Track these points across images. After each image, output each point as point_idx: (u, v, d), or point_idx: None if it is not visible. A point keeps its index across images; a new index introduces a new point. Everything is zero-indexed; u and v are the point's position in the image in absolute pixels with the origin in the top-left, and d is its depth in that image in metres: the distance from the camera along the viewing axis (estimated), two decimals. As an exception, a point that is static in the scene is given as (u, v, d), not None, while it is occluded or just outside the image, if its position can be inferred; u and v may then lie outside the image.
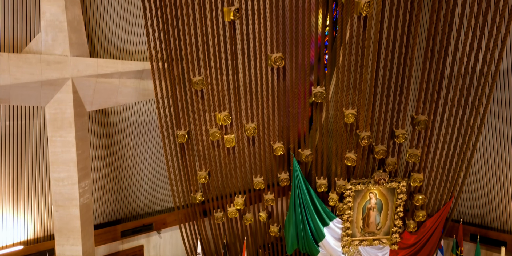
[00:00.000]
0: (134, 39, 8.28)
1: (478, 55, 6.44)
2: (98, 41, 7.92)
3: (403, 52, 6.59)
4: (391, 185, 7.71)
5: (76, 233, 7.27)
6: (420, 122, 6.88)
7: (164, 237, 10.65)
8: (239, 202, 8.70)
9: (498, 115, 8.19)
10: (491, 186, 8.91)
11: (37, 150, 7.87)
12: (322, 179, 8.12)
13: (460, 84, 6.81)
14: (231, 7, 6.64)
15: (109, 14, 7.82)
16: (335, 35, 10.30)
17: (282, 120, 7.97)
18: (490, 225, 9.29)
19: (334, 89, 7.12)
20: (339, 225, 8.27)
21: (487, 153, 8.62)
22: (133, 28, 8.18)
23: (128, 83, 7.82)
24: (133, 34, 8.24)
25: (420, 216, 8.10)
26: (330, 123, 9.98)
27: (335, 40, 9.52)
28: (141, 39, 8.31)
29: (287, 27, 6.93)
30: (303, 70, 7.21)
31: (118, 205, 9.88)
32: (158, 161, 9.89)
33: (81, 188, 7.32)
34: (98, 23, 7.78)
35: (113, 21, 7.91)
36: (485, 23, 6.11)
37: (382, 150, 7.30)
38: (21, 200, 8.08)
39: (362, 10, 6.01)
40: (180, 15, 7.12)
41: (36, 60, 6.62)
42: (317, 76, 7.25)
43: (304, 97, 7.52)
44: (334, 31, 10.85)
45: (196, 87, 7.44)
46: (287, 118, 7.86)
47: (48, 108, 7.02)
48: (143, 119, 9.23)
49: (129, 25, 8.11)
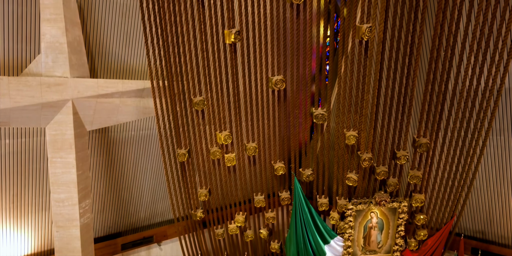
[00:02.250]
0: (135, 55, 8.26)
1: (480, 79, 6.41)
2: (98, 59, 7.90)
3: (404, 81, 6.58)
4: (392, 205, 7.69)
5: (77, 253, 7.26)
6: (422, 145, 6.85)
7: (164, 249, 10.63)
8: (240, 219, 8.68)
9: (500, 133, 8.15)
10: (493, 202, 8.88)
11: (37, 168, 7.87)
12: (323, 198, 8.09)
13: (462, 106, 6.78)
14: (232, 29, 6.61)
15: (109, 32, 7.80)
16: (336, 46, 10.27)
17: (283, 130, 7.90)
18: (492, 239, 9.25)
19: (335, 111, 7.08)
20: (340, 243, 8.25)
21: (489, 170, 8.59)
22: (134, 44, 8.16)
23: (128, 102, 7.79)
24: (134, 51, 8.22)
25: (422, 235, 8.08)
26: (331, 135, 9.95)
27: (336, 51, 9.49)
28: (142, 55, 8.30)
29: (288, 46, 6.89)
30: (304, 80, 7.15)
31: (119, 218, 9.87)
32: (158, 173, 9.88)
33: (82, 208, 7.31)
34: (99, 41, 7.76)
35: (113, 38, 7.89)
36: (484, 62, 6.12)
37: (383, 171, 7.27)
38: (22, 216, 8.08)
39: (363, 35, 5.97)
40: (180, 32, 7.09)
41: (36, 82, 6.60)
42: (319, 87, 7.16)
43: (305, 107, 7.45)
44: (335, 42, 10.81)
45: (197, 107, 7.42)
46: (288, 128, 7.81)
47: (48, 129, 6.99)
48: (143, 133, 9.21)
49: (130, 41, 8.10)
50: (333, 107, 9.51)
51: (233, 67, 6.92)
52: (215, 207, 8.96)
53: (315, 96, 7.35)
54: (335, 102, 9.44)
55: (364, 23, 6.04)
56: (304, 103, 7.33)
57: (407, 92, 6.66)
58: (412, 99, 6.72)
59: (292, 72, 6.72)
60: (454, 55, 6.36)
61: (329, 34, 6.55)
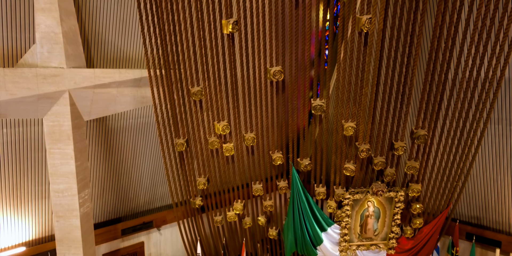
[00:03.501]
0: (132, 44, 8.15)
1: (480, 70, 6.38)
2: (94, 48, 7.79)
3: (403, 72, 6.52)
4: (389, 194, 7.76)
5: (77, 243, 7.36)
6: (420, 136, 6.85)
7: (164, 234, 10.81)
8: (238, 207, 8.78)
9: (498, 122, 8.17)
10: (489, 189, 8.99)
11: (36, 157, 7.89)
12: (320, 187, 8.16)
13: (461, 97, 6.76)
14: (230, 19, 6.50)
15: (105, 20, 7.67)
16: (336, 31, 10.13)
17: (281, 115, 7.87)
18: (486, 225, 9.41)
19: (334, 101, 7.04)
20: (337, 230, 8.37)
21: (485, 158, 8.65)
22: (130, 32, 8.04)
23: (126, 92, 7.74)
24: (131, 39, 8.11)
25: (417, 223, 8.19)
26: (330, 121, 9.95)
27: (335, 35, 9.37)
28: (139, 43, 8.18)
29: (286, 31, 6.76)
30: (303, 64, 7.08)
31: (118, 204, 9.97)
32: (156, 159, 9.91)
33: (81, 198, 7.37)
34: (94, 29, 7.64)
35: (109, 26, 7.76)
36: (485, 53, 6.05)
37: (381, 161, 7.30)
38: (22, 203, 8.16)
39: (363, 26, 5.88)
40: (177, 20, 6.97)
41: (32, 74, 6.53)
42: (318, 72, 7.08)
43: (304, 91, 7.39)
44: (335, 26, 10.66)
45: (195, 97, 7.37)
46: (286, 113, 7.77)
47: (46, 120, 6.97)
48: (141, 120, 9.20)
49: (126, 30, 7.97)
50: (331, 93, 9.47)
51: (231, 55, 6.84)
52: (213, 192, 9.04)
53: (314, 80, 7.27)
54: (334, 88, 9.39)
55: (364, 12, 5.93)
56: (303, 88, 7.26)
57: (407, 81, 6.60)
58: (411, 88, 6.67)
59: (290, 56, 6.61)
60: (455, 45, 6.29)
61: (328, 18, 6.42)
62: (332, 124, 8.55)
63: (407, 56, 6.37)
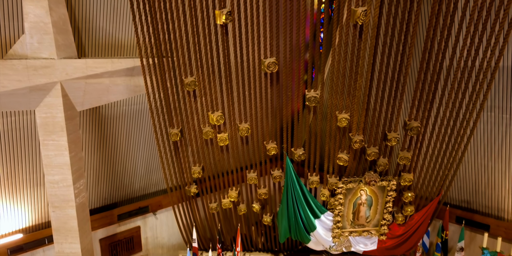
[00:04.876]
0: (124, 30, 8.01)
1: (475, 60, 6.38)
2: (86, 36, 7.65)
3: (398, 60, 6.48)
4: (382, 183, 7.87)
5: (74, 232, 7.46)
6: (413, 128, 6.89)
7: (160, 218, 10.97)
8: (233, 195, 8.89)
9: (491, 110, 8.23)
10: (479, 174, 9.14)
11: (30, 144, 7.87)
12: (314, 175, 8.25)
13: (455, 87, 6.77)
14: (223, 9, 6.38)
15: (96, 7, 7.50)
16: (331, 14, 10.00)
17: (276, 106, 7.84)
18: (476, 208, 9.62)
19: (328, 94, 7.03)
20: (330, 217, 8.53)
21: (477, 145, 8.76)
22: (122, 18, 7.88)
23: (118, 81, 7.66)
24: (122, 25, 7.96)
25: (409, 211, 8.36)
26: (324, 106, 9.93)
27: (331, 18, 9.23)
28: (131, 29, 8.03)
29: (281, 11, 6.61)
30: (297, 49, 6.99)
31: (114, 190, 10.05)
32: (151, 145, 9.92)
33: (76, 188, 7.41)
34: (85, 17, 7.47)
35: (100, 13, 7.60)
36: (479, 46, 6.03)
37: (374, 152, 7.37)
38: (17, 190, 8.20)
39: (358, 19, 5.80)
40: (169, 8, 6.82)
41: (23, 66, 6.43)
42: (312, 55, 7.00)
43: (298, 74, 7.33)
44: (330, 9, 10.52)
45: (188, 88, 7.32)
46: (280, 97, 7.73)
47: (38, 112, 6.92)
48: (135, 107, 9.16)
49: (117, 16, 7.81)
50: (326, 78, 9.43)
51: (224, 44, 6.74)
52: (208, 176, 9.07)
53: (308, 63, 7.13)
54: (328, 77, 9.34)
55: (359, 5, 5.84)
56: (297, 71, 7.18)
57: (402, 69, 6.57)
58: (406, 76, 6.64)
59: (285, 39, 6.51)
60: (450, 35, 6.25)
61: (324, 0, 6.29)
62: (326, 108, 8.54)
63: (402, 45, 6.31)
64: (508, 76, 7.59)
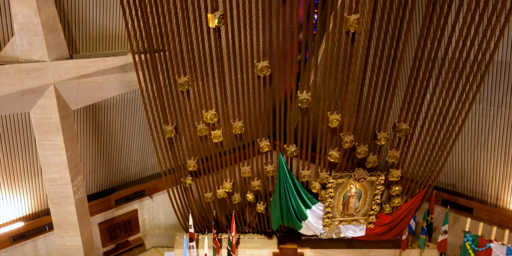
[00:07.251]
0: (115, 22, 7.83)
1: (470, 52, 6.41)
2: (77, 30, 7.49)
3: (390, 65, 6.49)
4: (371, 178, 8.13)
5: (74, 226, 7.73)
6: (402, 130, 7.04)
7: (156, 201, 11.25)
8: (227, 186, 9.14)
9: (480, 102, 8.37)
10: (466, 161, 9.44)
11: (27, 136, 7.94)
12: (306, 170, 8.47)
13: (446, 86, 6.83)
14: (216, 13, 6.29)
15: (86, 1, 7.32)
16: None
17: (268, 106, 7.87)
18: (461, 192, 10.00)
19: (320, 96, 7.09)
20: (320, 207, 8.85)
21: (465, 134, 8.99)
22: (112, 10, 7.69)
23: (111, 78, 7.64)
24: (113, 17, 7.77)
25: (396, 202, 8.69)
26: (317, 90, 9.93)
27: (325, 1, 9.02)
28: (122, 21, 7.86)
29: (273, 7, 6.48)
30: (290, 29, 6.91)
31: (110, 176, 10.23)
32: (145, 131, 9.97)
33: (75, 186, 7.59)
34: (75, 11, 7.28)
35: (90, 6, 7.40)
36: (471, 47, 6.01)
37: (364, 151, 7.55)
38: (16, 180, 8.36)
39: (351, 27, 5.77)
40: (159, 2, 6.67)
41: (15, 70, 6.39)
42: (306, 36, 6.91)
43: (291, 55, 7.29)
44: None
45: (182, 88, 7.34)
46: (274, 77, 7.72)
47: (33, 113, 6.96)
48: (128, 95, 9.14)
49: (108, 8, 7.62)
50: (320, 61, 9.40)
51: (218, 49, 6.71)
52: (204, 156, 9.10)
53: (302, 44, 7.04)
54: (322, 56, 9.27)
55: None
56: (291, 52, 7.13)
57: (395, 65, 6.58)
58: (399, 71, 6.67)
59: (278, 20, 6.43)
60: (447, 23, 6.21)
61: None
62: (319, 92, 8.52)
63: (395, 40, 6.29)
64: (497, 70, 7.68)
